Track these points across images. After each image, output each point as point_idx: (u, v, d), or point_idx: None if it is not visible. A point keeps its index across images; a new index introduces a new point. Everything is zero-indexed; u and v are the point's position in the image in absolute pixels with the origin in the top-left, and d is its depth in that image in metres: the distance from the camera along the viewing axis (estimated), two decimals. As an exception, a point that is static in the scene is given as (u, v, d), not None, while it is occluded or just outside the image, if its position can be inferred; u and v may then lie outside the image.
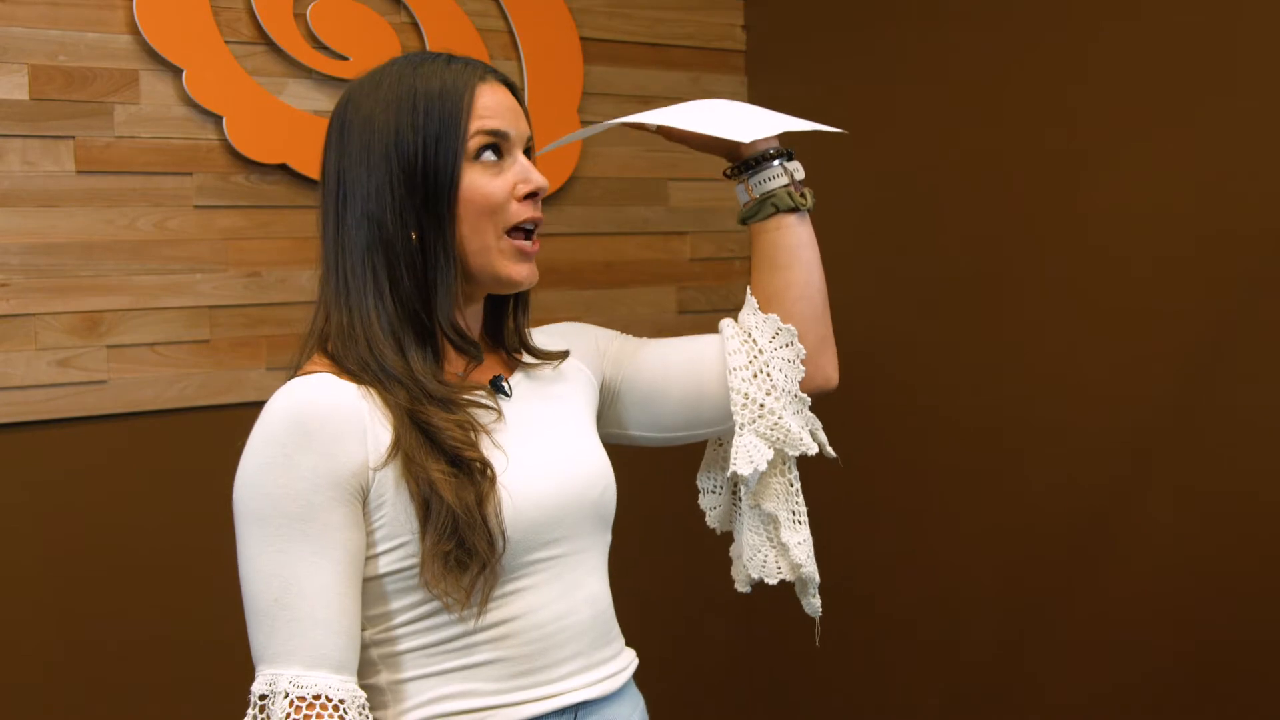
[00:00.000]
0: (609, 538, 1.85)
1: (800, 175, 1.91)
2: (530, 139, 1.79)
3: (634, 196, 3.85)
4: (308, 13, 3.26)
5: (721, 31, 4.01)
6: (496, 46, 3.55)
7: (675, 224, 3.94)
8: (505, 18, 3.58)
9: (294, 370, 1.71)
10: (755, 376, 1.83)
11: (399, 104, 1.70)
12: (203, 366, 3.15)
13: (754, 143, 1.89)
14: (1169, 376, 3.11)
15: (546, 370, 1.86)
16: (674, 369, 1.90)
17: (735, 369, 1.84)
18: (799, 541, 1.89)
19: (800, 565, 1.89)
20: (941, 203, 3.58)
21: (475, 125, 1.70)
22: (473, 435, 1.65)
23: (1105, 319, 3.22)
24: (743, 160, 1.91)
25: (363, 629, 1.66)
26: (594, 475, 1.79)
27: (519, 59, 3.57)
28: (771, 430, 1.82)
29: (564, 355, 1.88)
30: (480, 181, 1.70)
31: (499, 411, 1.72)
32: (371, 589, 1.66)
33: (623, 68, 3.82)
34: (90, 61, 3.02)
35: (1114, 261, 3.20)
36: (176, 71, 3.10)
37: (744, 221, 1.93)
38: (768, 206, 1.89)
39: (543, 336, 1.92)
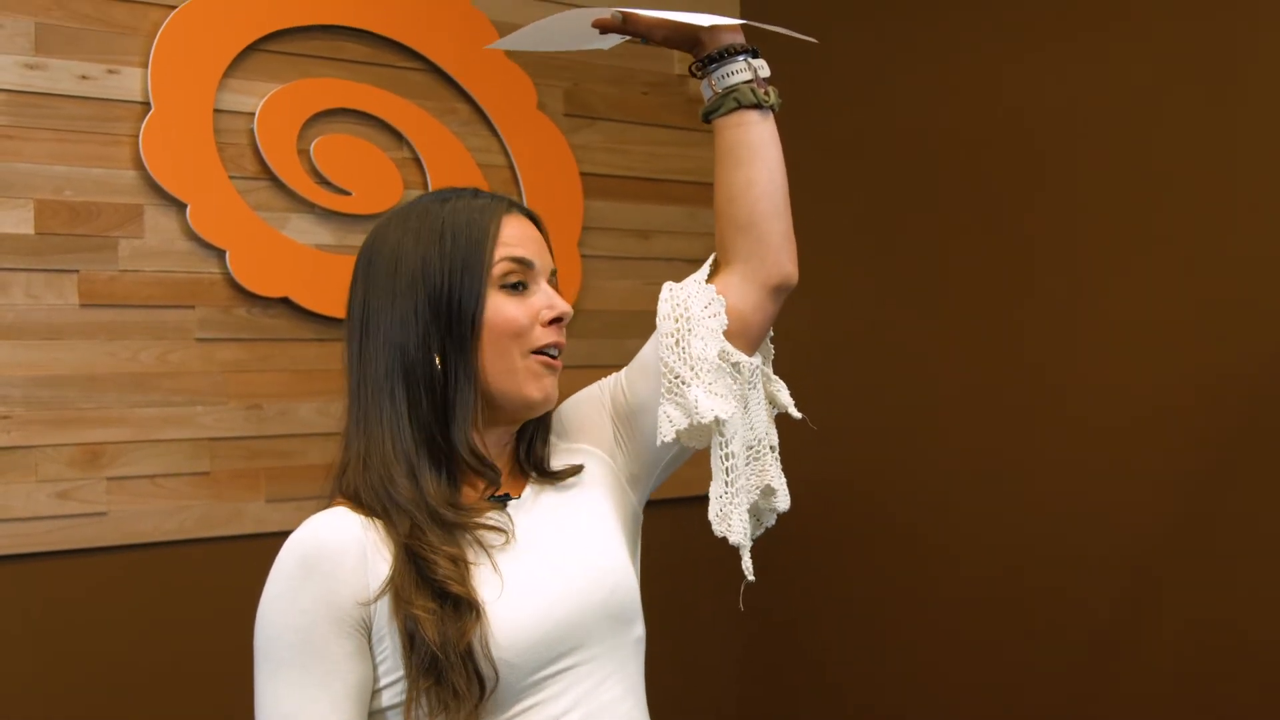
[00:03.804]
0: (634, 633, 1.80)
1: (765, 73, 1.88)
2: (554, 271, 1.82)
3: (634, 330, 3.86)
4: (311, 148, 3.31)
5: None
6: (498, 182, 3.59)
7: (675, 356, 3.93)
8: (506, 153, 3.63)
9: (326, 503, 1.74)
10: (677, 344, 1.80)
11: (427, 233, 1.74)
12: (202, 498, 3.15)
13: (718, 38, 1.87)
14: (1170, 499, 3.11)
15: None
16: (649, 370, 1.86)
17: (663, 335, 1.81)
18: (714, 497, 1.84)
19: (711, 521, 1.84)
20: (938, 321, 3.61)
21: (500, 253, 1.74)
22: (463, 568, 1.65)
23: (1105, 443, 3.22)
24: (706, 55, 1.88)
25: None
26: (599, 576, 1.76)
27: (520, 194, 3.61)
28: (682, 399, 1.78)
29: (578, 469, 1.86)
30: (504, 306, 1.73)
31: (508, 534, 1.72)
32: None
33: (622, 202, 3.86)
34: (95, 196, 3.05)
35: (1114, 385, 3.21)
36: (180, 206, 3.14)
37: (706, 117, 1.89)
38: (729, 101, 1.85)
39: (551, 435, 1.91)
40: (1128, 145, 3.20)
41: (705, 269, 1.87)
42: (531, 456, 1.84)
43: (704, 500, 1.81)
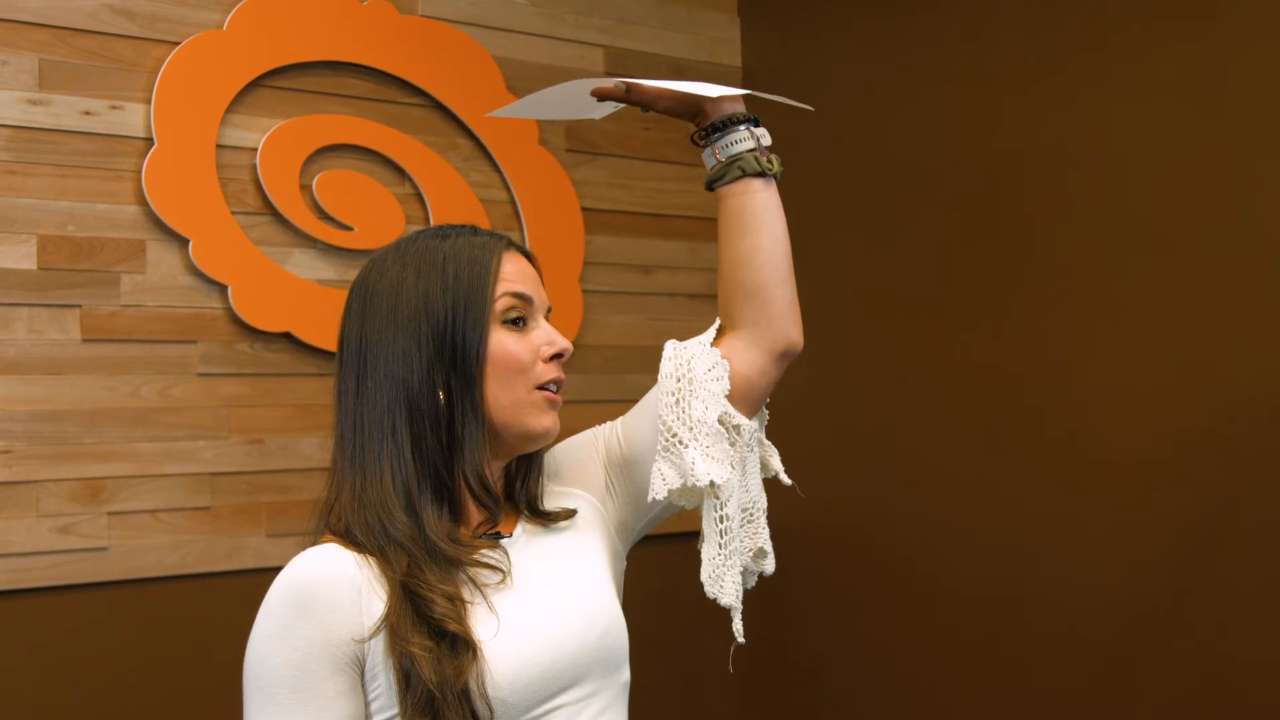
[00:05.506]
0: (623, 676, 1.80)
1: (767, 141, 1.91)
2: (549, 309, 1.84)
3: (633, 364, 3.87)
4: (313, 184, 3.32)
5: (720, 202, 4.05)
6: (499, 217, 3.59)
7: (676, 391, 3.93)
8: (508, 188, 3.64)
9: (313, 540, 1.73)
10: (677, 404, 1.81)
11: (429, 269, 1.75)
12: (204, 533, 3.15)
13: (720, 107, 1.90)
14: (1170, 538, 3.10)
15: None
16: (646, 424, 1.87)
17: (664, 393, 1.83)
18: (707, 559, 1.85)
19: (703, 583, 1.85)
20: (936, 366, 3.61)
21: (502, 288, 1.76)
22: (460, 607, 1.65)
23: (1103, 484, 3.22)
24: (710, 124, 1.92)
25: None
26: (592, 618, 1.76)
27: (521, 229, 3.62)
28: (678, 460, 1.80)
29: (571, 514, 1.87)
30: (507, 342, 1.75)
31: (505, 572, 1.72)
32: None
33: (623, 237, 3.87)
34: (98, 232, 3.06)
35: (1112, 426, 3.21)
36: (183, 241, 3.14)
37: (710, 186, 1.93)
38: (734, 170, 1.89)
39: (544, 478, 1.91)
40: (1125, 186, 3.20)
41: (711, 332, 1.89)
42: (525, 493, 1.85)
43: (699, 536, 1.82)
